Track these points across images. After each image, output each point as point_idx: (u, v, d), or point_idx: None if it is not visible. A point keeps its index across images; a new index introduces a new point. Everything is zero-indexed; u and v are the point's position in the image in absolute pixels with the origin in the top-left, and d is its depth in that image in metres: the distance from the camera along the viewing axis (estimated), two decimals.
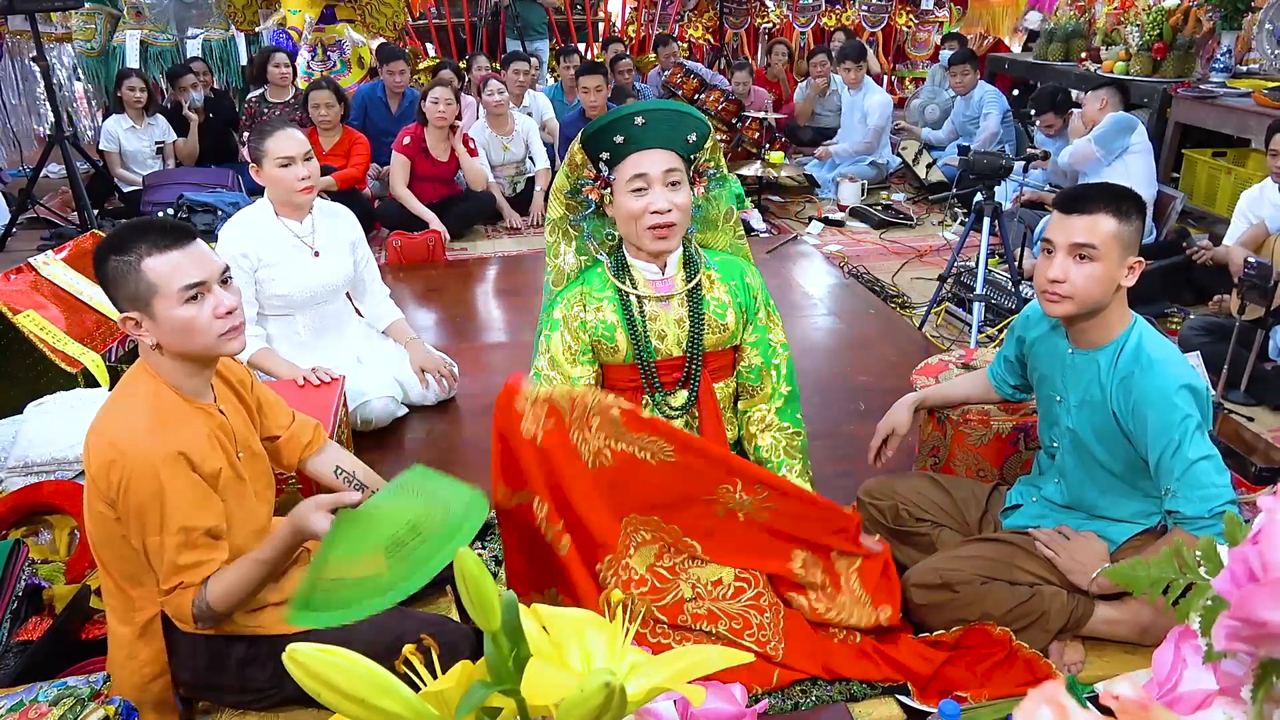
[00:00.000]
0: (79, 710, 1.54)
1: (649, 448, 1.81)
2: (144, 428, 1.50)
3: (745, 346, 2.09)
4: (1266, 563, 0.58)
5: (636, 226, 1.92)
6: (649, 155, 1.88)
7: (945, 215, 5.30)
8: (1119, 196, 1.76)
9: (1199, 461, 1.68)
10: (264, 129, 2.76)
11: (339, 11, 6.30)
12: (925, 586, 1.92)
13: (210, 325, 1.55)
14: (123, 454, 1.47)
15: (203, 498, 1.54)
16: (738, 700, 0.93)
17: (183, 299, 1.52)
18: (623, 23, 8.57)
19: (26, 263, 2.99)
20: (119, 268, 1.52)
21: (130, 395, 1.57)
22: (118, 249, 1.52)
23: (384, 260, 4.70)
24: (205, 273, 1.55)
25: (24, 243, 4.99)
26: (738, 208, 2.20)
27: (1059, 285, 1.77)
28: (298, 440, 1.94)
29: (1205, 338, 3.16)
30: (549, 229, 2.10)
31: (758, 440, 2.10)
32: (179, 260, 1.52)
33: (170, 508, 1.49)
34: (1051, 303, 1.80)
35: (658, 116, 1.86)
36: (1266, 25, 4.73)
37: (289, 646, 0.68)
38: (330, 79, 5.11)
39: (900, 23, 8.63)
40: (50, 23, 6.42)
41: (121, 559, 1.58)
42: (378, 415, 2.92)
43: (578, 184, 1.98)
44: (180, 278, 1.52)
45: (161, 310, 1.52)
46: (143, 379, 1.58)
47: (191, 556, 1.54)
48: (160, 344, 1.56)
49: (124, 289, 1.53)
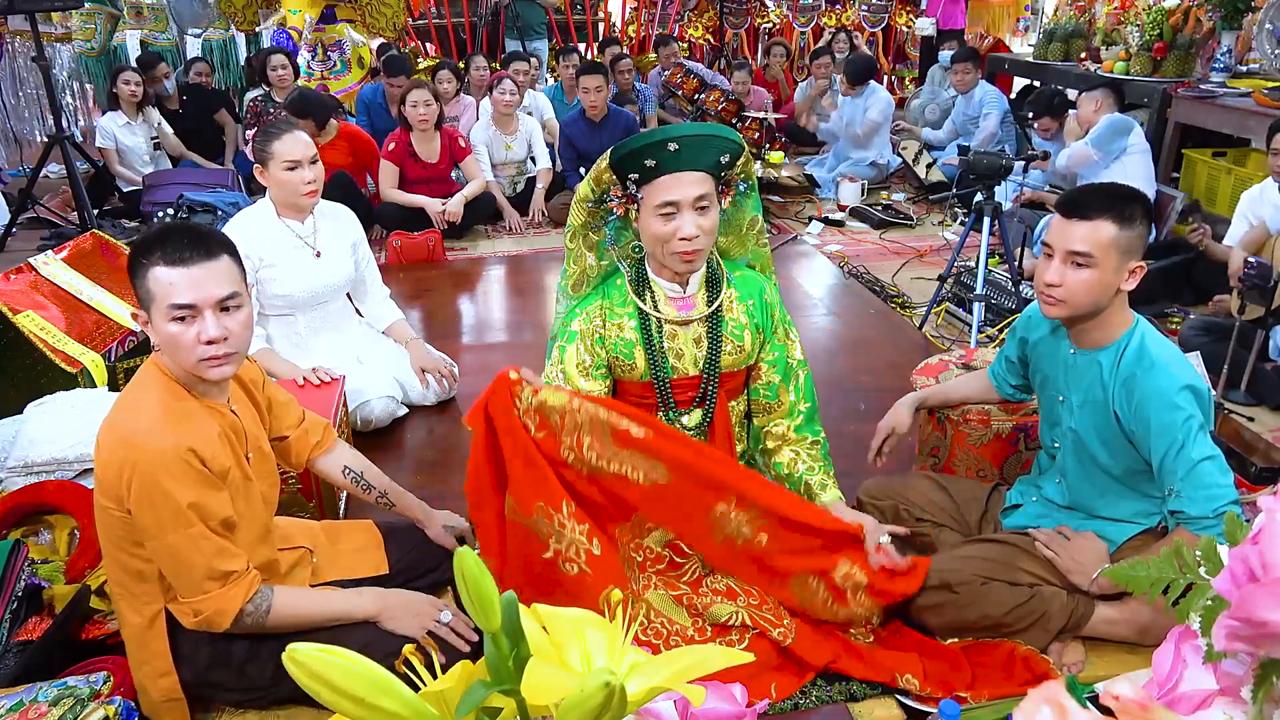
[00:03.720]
0: (79, 710, 1.54)
1: (641, 467, 1.80)
2: (154, 424, 1.51)
3: (762, 365, 2.05)
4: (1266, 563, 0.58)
5: (663, 249, 1.87)
6: (681, 178, 1.81)
7: (945, 215, 5.30)
8: (1123, 200, 1.74)
9: (1202, 462, 1.68)
10: (271, 131, 2.75)
11: (339, 11, 6.30)
12: (925, 587, 1.92)
13: (194, 349, 1.53)
14: (132, 450, 1.48)
15: (213, 491, 1.55)
16: (738, 700, 0.93)
17: (169, 317, 1.51)
18: (623, 23, 8.56)
19: (26, 263, 2.98)
20: (135, 267, 1.54)
21: (142, 392, 1.58)
22: (143, 248, 1.53)
23: (384, 260, 4.70)
24: (199, 297, 1.51)
25: (24, 243, 4.98)
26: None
27: (1054, 289, 1.78)
28: (307, 439, 1.94)
29: (1205, 338, 3.16)
30: (568, 235, 2.03)
31: (775, 457, 2.06)
32: (179, 279, 1.50)
33: (184, 502, 1.49)
34: (1047, 305, 1.82)
35: (692, 141, 1.80)
36: (1266, 25, 4.72)
37: (289, 646, 0.68)
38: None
39: (900, 23, 8.63)
40: (50, 23, 6.42)
41: (127, 555, 1.58)
42: (378, 415, 2.92)
43: (603, 196, 1.93)
44: (172, 296, 1.50)
45: (155, 319, 1.55)
46: (155, 376, 1.59)
47: (224, 549, 1.55)
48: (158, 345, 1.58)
49: (136, 288, 1.56)
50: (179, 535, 1.50)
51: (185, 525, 1.50)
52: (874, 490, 2.21)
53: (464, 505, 2.51)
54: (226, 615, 1.57)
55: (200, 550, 1.52)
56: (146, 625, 1.64)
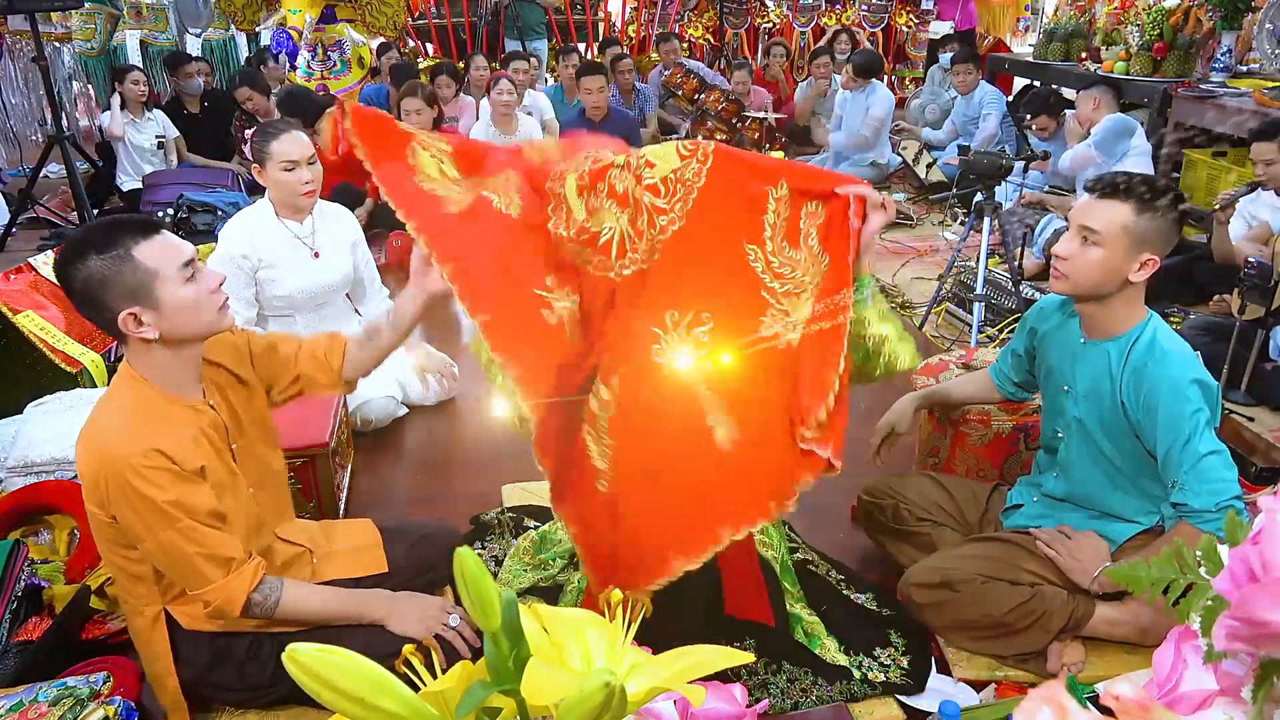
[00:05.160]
0: (79, 710, 1.54)
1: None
2: (122, 429, 1.50)
3: None
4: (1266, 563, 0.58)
5: None
6: None
7: (945, 215, 5.30)
8: (1152, 189, 1.73)
9: (1208, 456, 1.68)
10: (269, 130, 2.75)
11: (339, 11, 6.29)
12: (926, 586, 1.92)
13: (210, 300, 1.56)
14: (103, 457, 1.47)
15: (192, 486, 1.53)
16: (738, 700, 0.93)
17: (183, 278, 1.51)
18: (623, 23, 8.56)
19: (26, 263, 2.99)
20: (108, 265, 1.47)
21: (112, 401, 1.57)
22: (99, 248, 1.47)
23: (384, 260, 4.70)
24: (190, 251, 1.56)
25: (24, 243, 4.98)
26: None
27: (1062, 263, 1.80)
28: (318, 361, 1.84)
29: (1205, 338, 3.16)
30: None
31: None
32: (166, 242, 1.52)
33: (163, 501, 1.48)
34: (1054, 277, 1.84)
35: None
36: (1266, 25, 4.73)
37: (289, 646, 0.68)
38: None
39: (900, 23, 8.63)
40: (50, 23, 6.41)
41: (121, 558, 1.58)
42: (378, 415, 2.92)
43: None
44: (177, 256, 1.52)
45: (165, 293, 1.50)
46: (125, 384, 1.57)
47: (218, 538, 1.54)
48: (162, 335, 1.53)
49: (119, 285, 1.48)
50: (169, 532, 1.50)
51: (172, 522, 1.49)
52: (874, 490, 2.21)
53: (464, 505, 2.52)
54: (235, 604, 1.56)
55: (194, 542, 1.51)
56: (149, 627, 1.64)
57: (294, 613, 1.63)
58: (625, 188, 1.65)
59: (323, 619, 1.67)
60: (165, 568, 1.57)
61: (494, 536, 2.37)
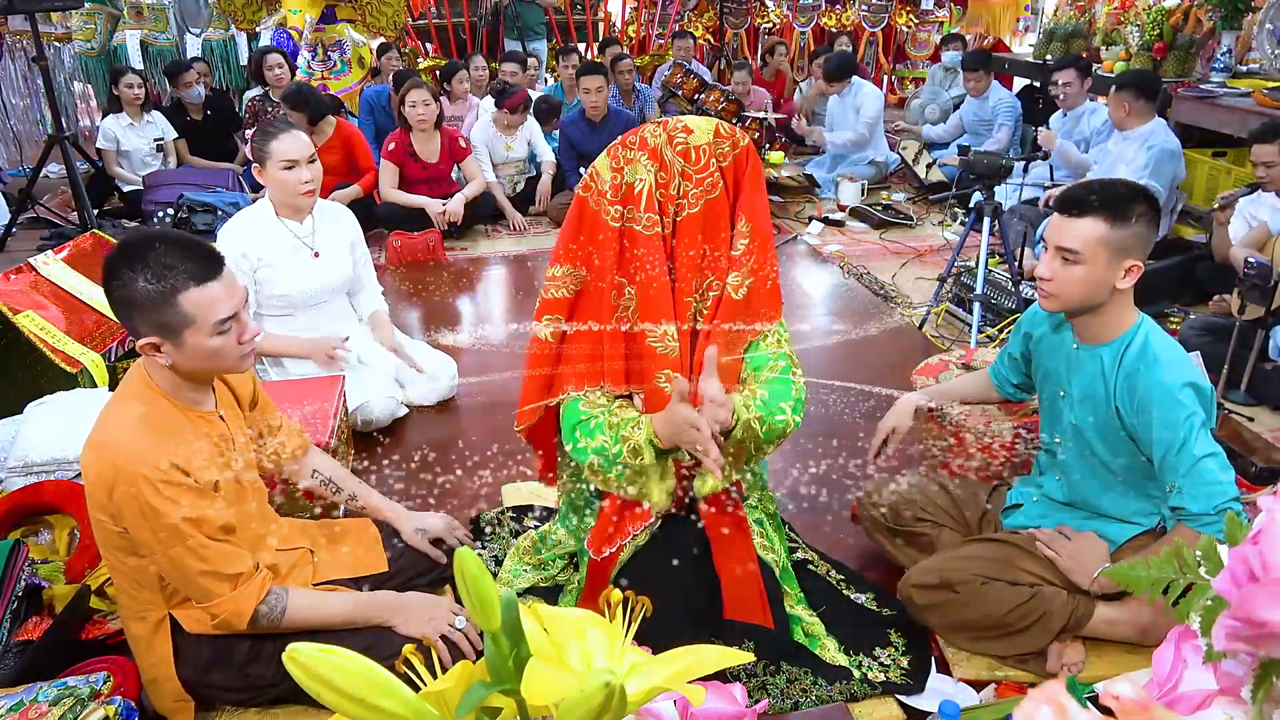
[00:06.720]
0: (79, 710, 1.54)
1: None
2: (137, 440, 1.49)
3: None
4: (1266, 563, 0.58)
5: None
6: None
7: (945, 215, 5.30)
8: (1120, 199, 1.73)
9: (1204, 458, 1.68)
10: (269, 130, 2.75)
11: (339, 11, 6.29)
12: (925, 587, 1.92)
13: (235, 350, 1.58)
14: (119, 470, 1.46)
15: (206, 500, 1.54)
16: (737, 700, 0.93)
17: (217, 330, 1.52)
18: (623, 23, 8.56)
19: (26, 263, 2.99)
20: (150, 294, 1.47)
21: (125, 407, 1.55)
22: (153, 275, 1.47)
23: (383, 260, 4.71)
24: (236, 303, 1.56)
25: (24, 243, 4.98)
26: None
27: (1046, 284, 1.81)
28: (282, 445, 1.93)
29: (1205, 338, 3.16)
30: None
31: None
32: (217, 293, 1.52)
33: (176, 518, 1.48)
34: (1041, 297, 1.85)
35: None
36: (1266, 25, 4.72)
37: (289, 646, 0.68)
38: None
39: (900, 23, 8.63)
40: (50, 23, 6.41)
41: (125, 564, 1.58)
42: (378, 415, 2.91)
43: None
44: (217, 312, 1.52)
45: (192, 340, 1.52)
46: (137, 389, 1.57)
47: (227, 553, 1.55)
48: (175, 365, 1.55)
49: (152, 315, 1.49)
50: (179, 549, 1.50)
51: (183, 539, 1.49)
52: (874, 490, 2.21)
53: (464, 506, 2.52)
54: (242, 617, 1.58)
55: (203, 560, 1.52)
56: (152, 631, 1.64)
57: (301, 621, 1.64)
58: (657, 144, 1.66)
59: (331, 625, 1.68)
60: (173, 580, 1.57)
61: (494, 536, 2.37)
